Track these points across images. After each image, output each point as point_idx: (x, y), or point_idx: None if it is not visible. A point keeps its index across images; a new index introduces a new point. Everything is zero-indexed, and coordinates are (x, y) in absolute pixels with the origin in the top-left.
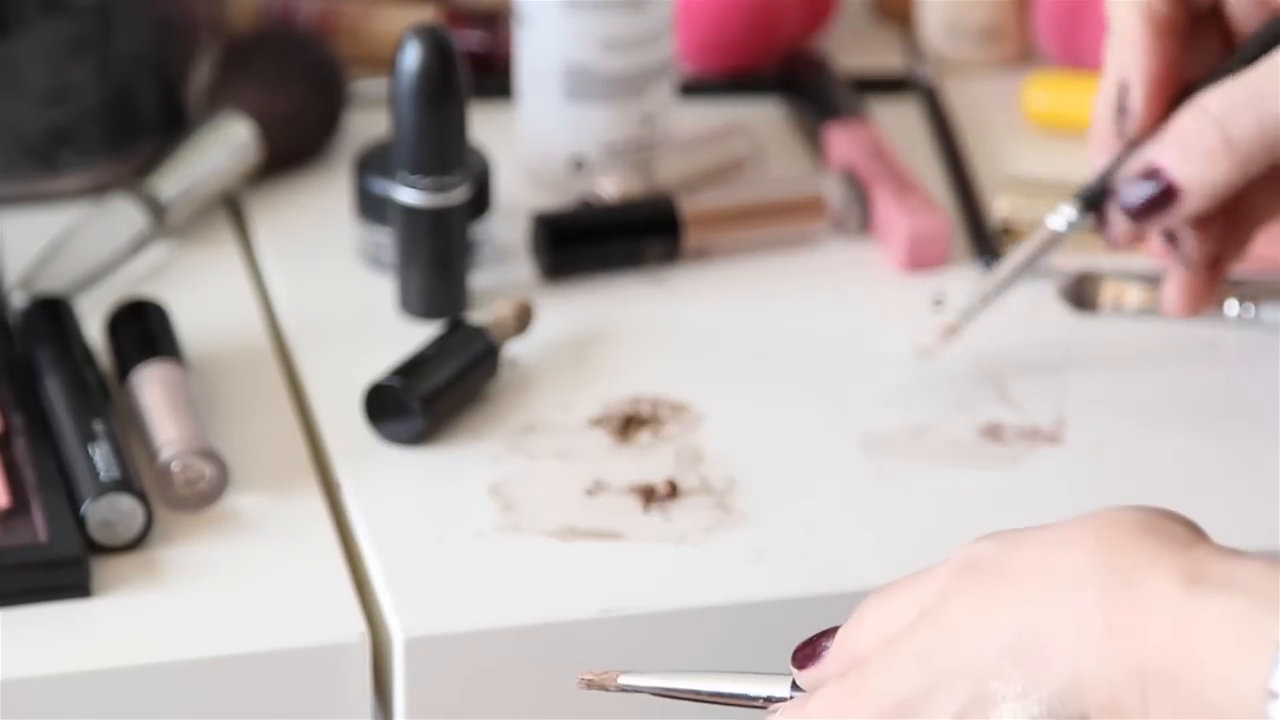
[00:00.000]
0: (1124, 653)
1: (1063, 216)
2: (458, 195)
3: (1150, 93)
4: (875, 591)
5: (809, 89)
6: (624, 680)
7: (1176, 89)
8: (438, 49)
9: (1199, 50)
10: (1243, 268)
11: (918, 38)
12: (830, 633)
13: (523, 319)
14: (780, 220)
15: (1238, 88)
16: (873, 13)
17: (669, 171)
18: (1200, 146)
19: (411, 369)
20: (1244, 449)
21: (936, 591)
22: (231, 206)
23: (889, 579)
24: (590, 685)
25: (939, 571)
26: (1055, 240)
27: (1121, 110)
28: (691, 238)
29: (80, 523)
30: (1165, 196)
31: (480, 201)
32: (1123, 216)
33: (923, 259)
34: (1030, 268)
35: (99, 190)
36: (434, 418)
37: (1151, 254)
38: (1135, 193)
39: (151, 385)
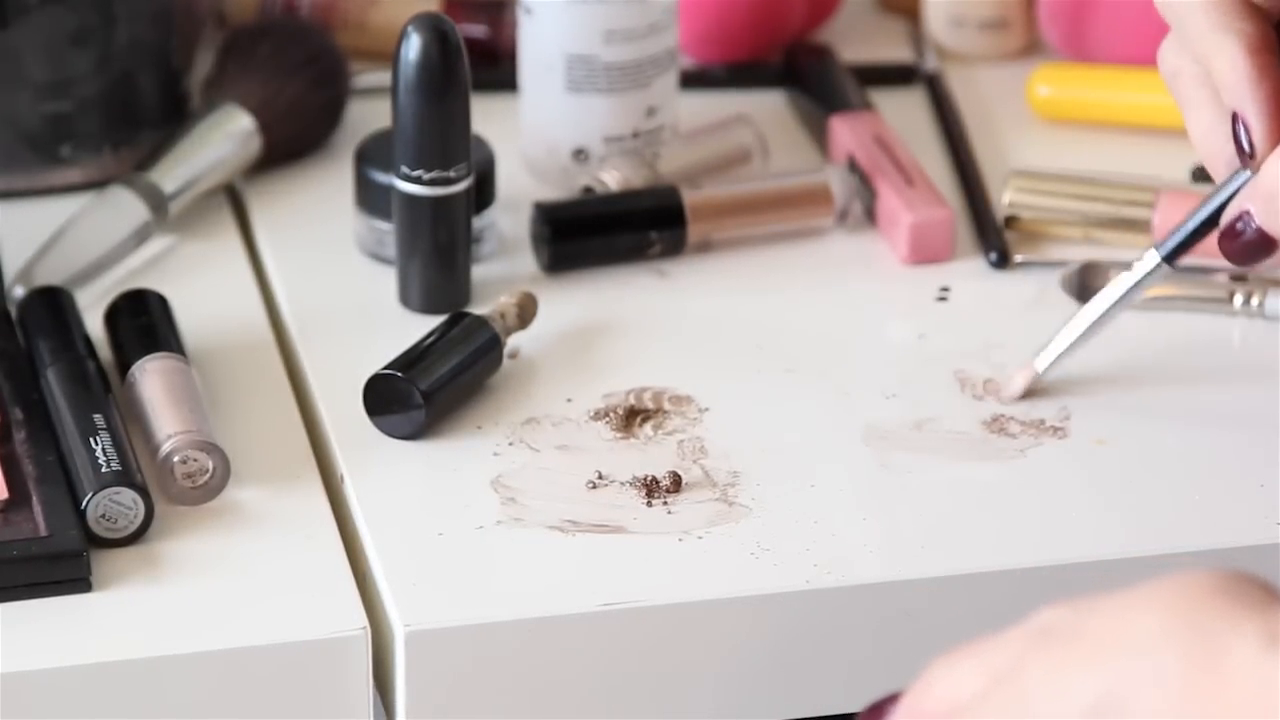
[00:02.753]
0: (1205, 714)
1: (1146, 263)
2: (460, 187)
3: (1270, 126)
4: (941, 657)
5: (813, 81)
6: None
7: None
8: (440, 40)
9: None
10: None
11: (922, 29)
12: (895, 697)
13: (526, 311)
14: (784, 212)
15: None
16: (877, 4)
17: (672, 163)
18: None
19: (413, 361)
20: (1249, 441)
21: (1010, 658)
22: (233, 198)
23: (892, 573)
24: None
25: (1010, 638)
26: (1135, 287)
27: (1238, 136)
28: (694, 230)
29: (81, 516)
30: (1260, 245)
31: (482, 193)
32: (1228, 251)
33: (927, 251)
34: (1112, 314)
35: (100, 182)
36: (436, 410)
37: None
38: (1234, 244)
39: (152, 378)
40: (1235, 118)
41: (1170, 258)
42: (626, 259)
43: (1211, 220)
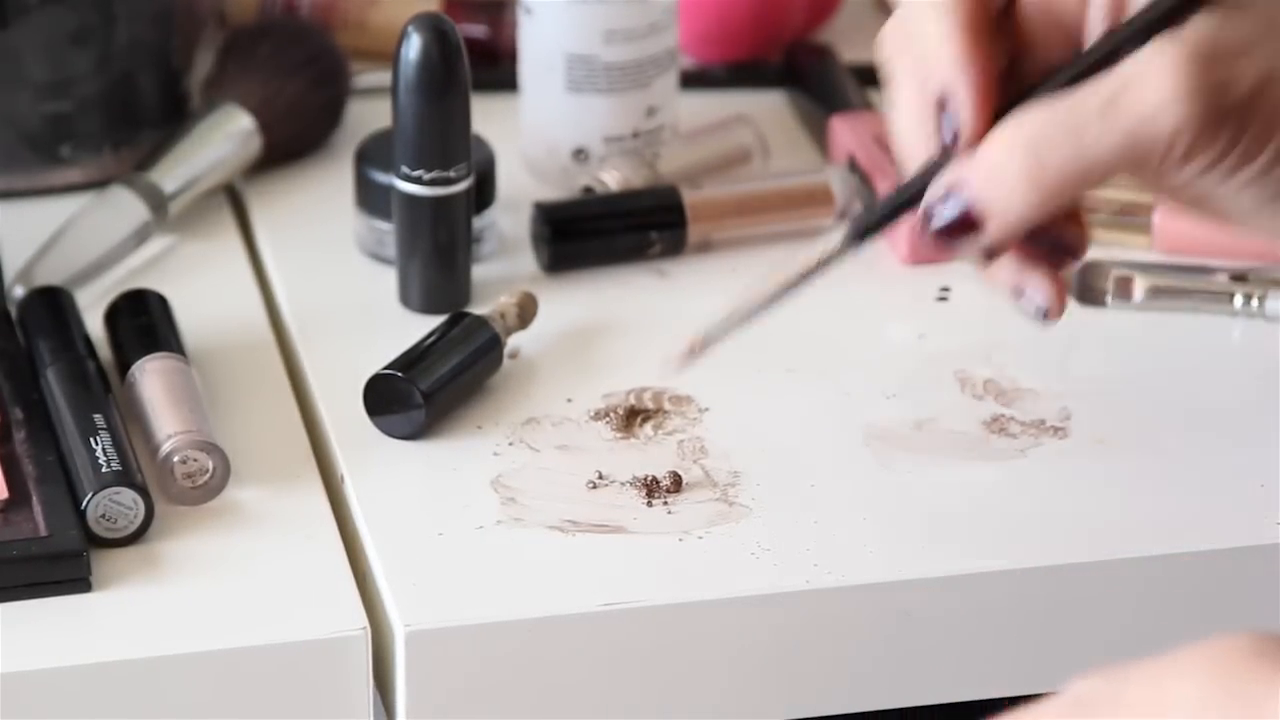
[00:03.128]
0: None
1: (832, 242)
2: (460, 187)
3: (978, 105)
4: None
5: (813, 81)
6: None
7: (1001, 98)
8: (440, 40)
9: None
10: (1245, 262)
11: None
12: None
13: (526, 311)
14: (784, 212)
15: (1059, 115)
16: (877, 4)
17: (672, 163)
18: (1009, 173)
19: (414, 361)
20: (1250, 441)
21: None
22: (233, 198)
23: (893, 573)
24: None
25: (1045, 711)
26: (822, 266)
27: (942, 125)
28: (695, 230)
29: (80, 516)
30: (966, 224)
31: (482, 193)
32: (924, 234)
33: (926, 252)
34: (793, 290)
35: (100, 182)
36: (436, 410)
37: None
38: (936, 215)
39: (152, 378)
40: (940, 103)
41: (861, 236)
42: (627, 259)
43: (908, 203)
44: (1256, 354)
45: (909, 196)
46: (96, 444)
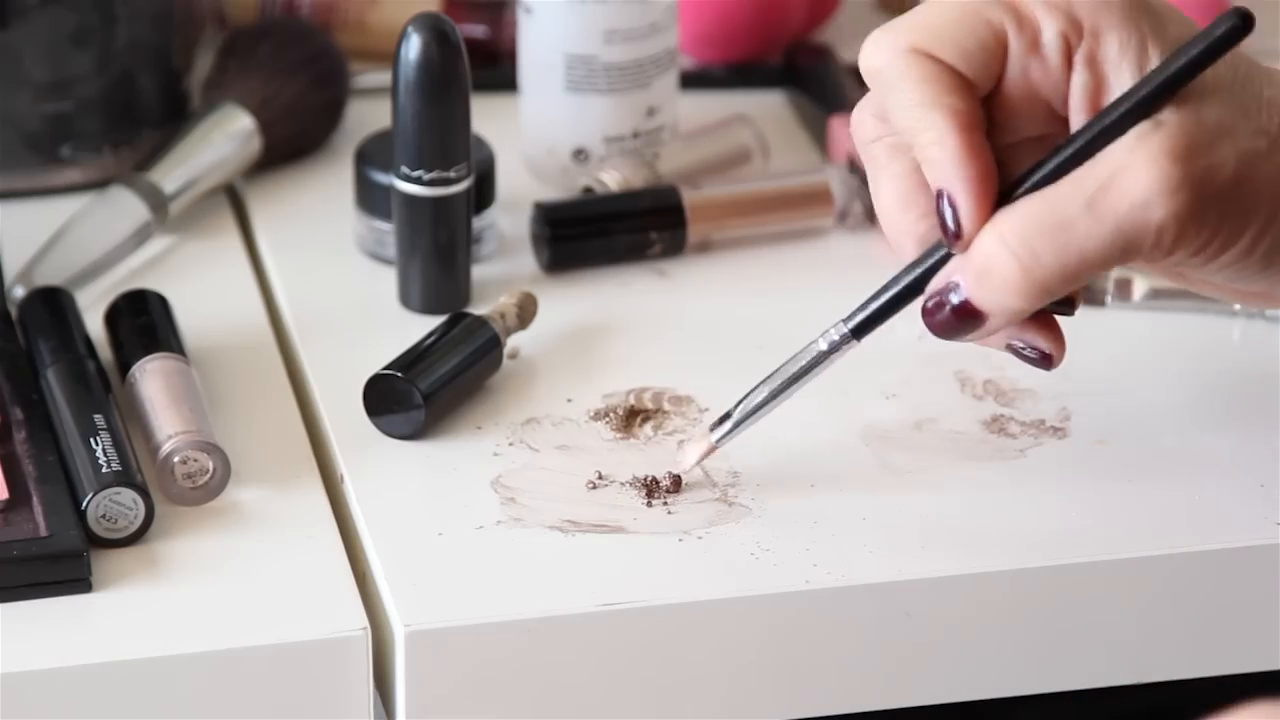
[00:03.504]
0: None
1: (828, 338)
2: (460, 187)
3: (977, 202)
4: None
5: (813, 81)
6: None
7: (996, 191)
8: (440, 40)
9: None
10: None
11: None
12: None
13: (526, 311)
14: (784, 212)
15: (1038, 214)
16: (877, 4)
17: (672, 163)
18: (999, 277)
19: (413, 361)
20: (1250, 441)
21: None
22: (233, 198)
23: (892, 573)
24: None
25: None
26: (821, 360)
27: (942, 217)
28: (694, 230)
29: (81, 516)
30: (967, 317)
31: (482, 193)
32: (929, 324)
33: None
34: (797, 386)
35: (100, 182)
36: (436, 410)
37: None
38: (939, 315)
39: (152, 378)
40: (941, 195)
41: (858, 332)
42: (626, 259)
43: (906, 294)
44: (1256, 354)
45: (907, 289)
46: (97, 444)
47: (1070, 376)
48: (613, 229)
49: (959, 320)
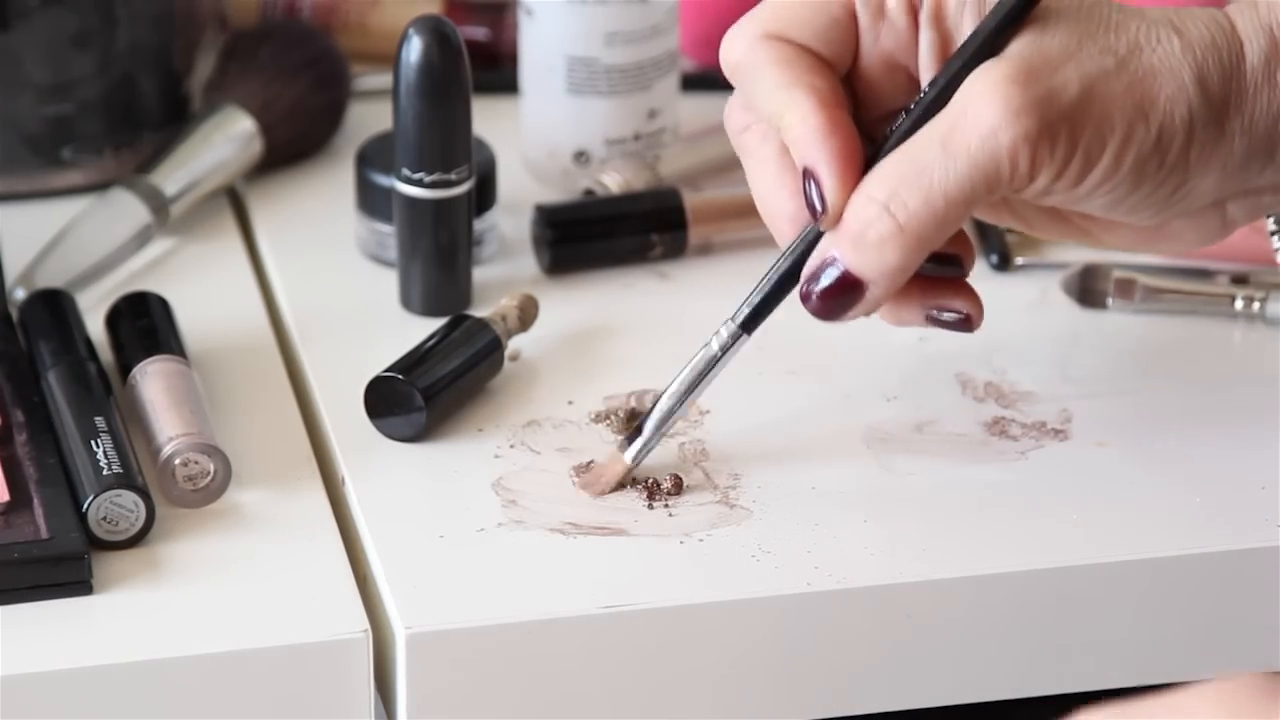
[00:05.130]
0: None
1: (719, 339)
2: (461, 189)
3: (841, 176)
4: None
5: None
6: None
7: (861, 165)
8: (441, 42)
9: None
10: (1245, 264)
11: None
12: None
13: (527, 313)
14: None
15: (898, 166)
16: None
17: (673, 165)
18: (874, 234)
19: (414, 364)
20: (1250, 443)
21: None
22: (234, 200)
23: (893, 575)
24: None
25: None
26: (717, 361)
27: (809, 197)
28: (695, 232)
29: (82, 518)
30: (848, 290)
31: (483, 195)
32: (813, 308)
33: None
34: (695, 393)
35: (101, 184)
36: (437, 413)
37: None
38: (818, 293)
39: (153, 380)
40: (806, 174)
41: (748, 325)
42: (627, 261)
43: (786, 280)
44: (1257, 357)
45: (786, 274)
46: (98, 446)
47: (1071, 379)
48: (614, 231)
49: (840, 294)
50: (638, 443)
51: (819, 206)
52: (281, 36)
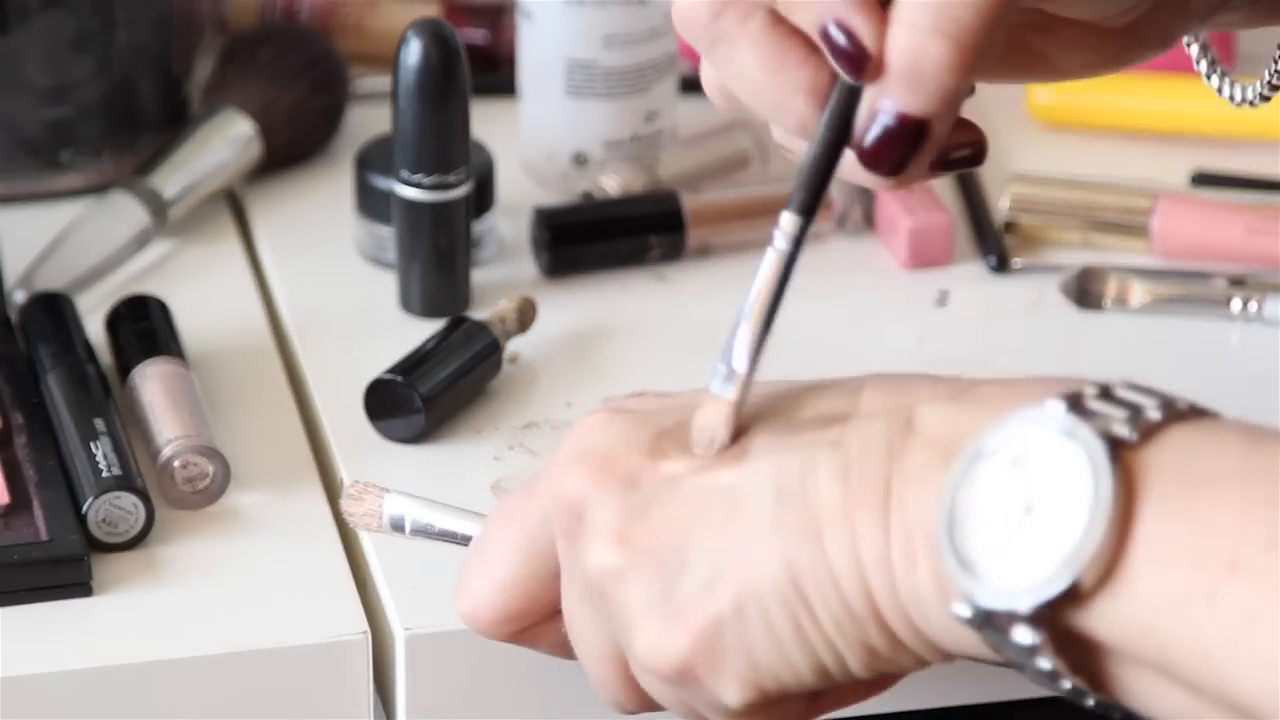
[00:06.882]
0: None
1: (784, 234)
2: (460, 192)
3: (874, 16)
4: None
5: None
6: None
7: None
8: (440, 45)
9: None
10: (1245, 265)
11: None
12: None
13: (525, 316)
14: None
15: None
16: None
17: (672, 168)
18: (929, 67)
19: (413, 366)
20: None
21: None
22: (233, 203)
23: None
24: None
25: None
26: (790, 259)
27: (837, 57)
28: (694, 234)
29: (81, 520)
30: (912, 135)
31: (482, 198)
32: (878, 169)
33: (926, 256)
34: (779, 303)
35: (100, 187)
36: (436, 415)
37: None
38: (881, 151)
39: (153, 382)
40: (827, 32)
41: (808, 209)
42: (626, 264)
43: (834, 150)
44: (1255, 358)
45: (832, 145)
46: (97, 448)
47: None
48: (612, 233)
49: (904, 143)
50: (733, 378)
51: (860, 56)
52: (280, 39)
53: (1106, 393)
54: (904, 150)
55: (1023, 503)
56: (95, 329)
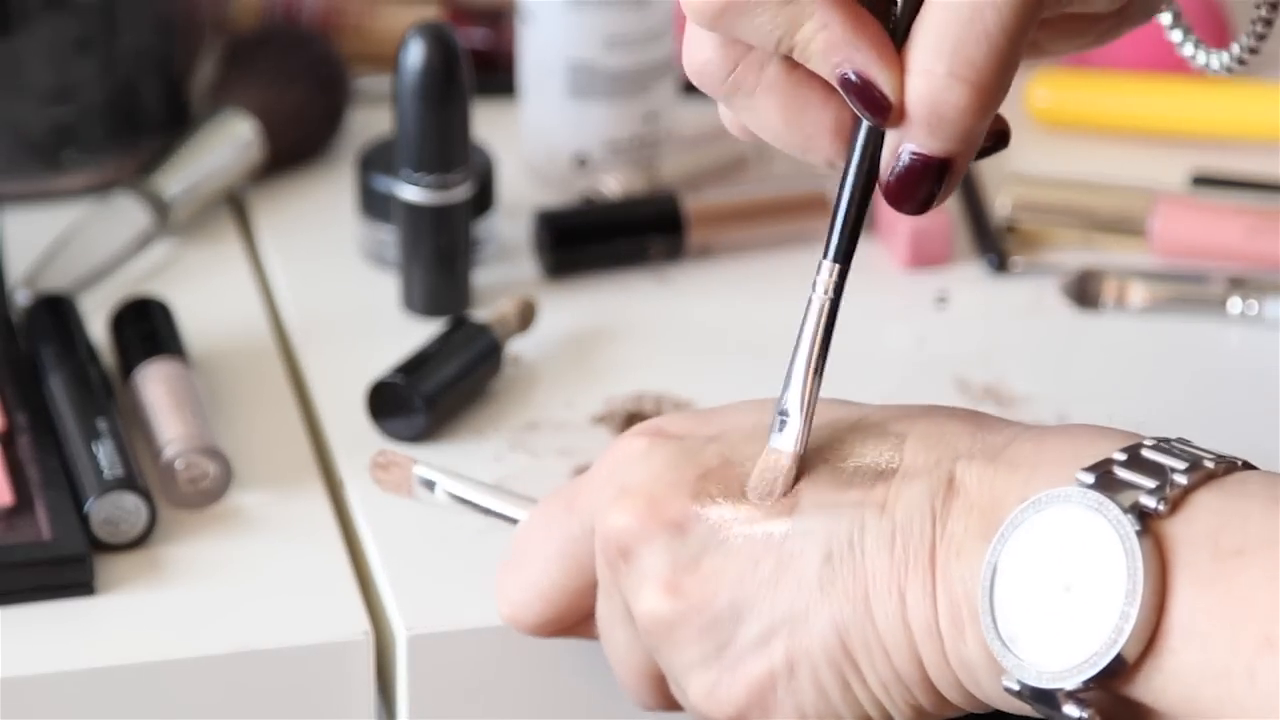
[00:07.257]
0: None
1: (823, 283)
2: (461, 193)
3: (892, 65)
4: None
5: None
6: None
7: (894, 47)
8: (441, 46)
9: None
10: (1244, 266)
11: None
12: None
13: (526, 316)
14: (783, 218)
15: (946, 24)
16: None
17: (672, 169)
18: (949, 112)
19: (415, 366)
20: (1248, 446)
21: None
22: (235, 204)
23: None
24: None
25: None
26: (833, 307)
27: (860, 105)
28: (695, 235)
29: (84, 520)
30: (936, 175)
31: (483, 199)
32: (905, 207)
33: (925, 256)
34: (826, 351)
35: (102, 188)
36: (437, 415)
37: None
38: (907, 192)
39: (155, 383)
40: (848, 81)
41: (845, 258)
42: (626, 264)
43: (864, 195)
44: (1254, 359)
45: (862, 190)
46: (99, 449)
47: (1068, 381)
48: (613, 234)
49: (929, 182)
50: (791, 429)
51: (882, 104)
52: (281, 40)
53: (1135, 456)
54: (929, 188)
55: (1060, 582)
56: (97, 329)
